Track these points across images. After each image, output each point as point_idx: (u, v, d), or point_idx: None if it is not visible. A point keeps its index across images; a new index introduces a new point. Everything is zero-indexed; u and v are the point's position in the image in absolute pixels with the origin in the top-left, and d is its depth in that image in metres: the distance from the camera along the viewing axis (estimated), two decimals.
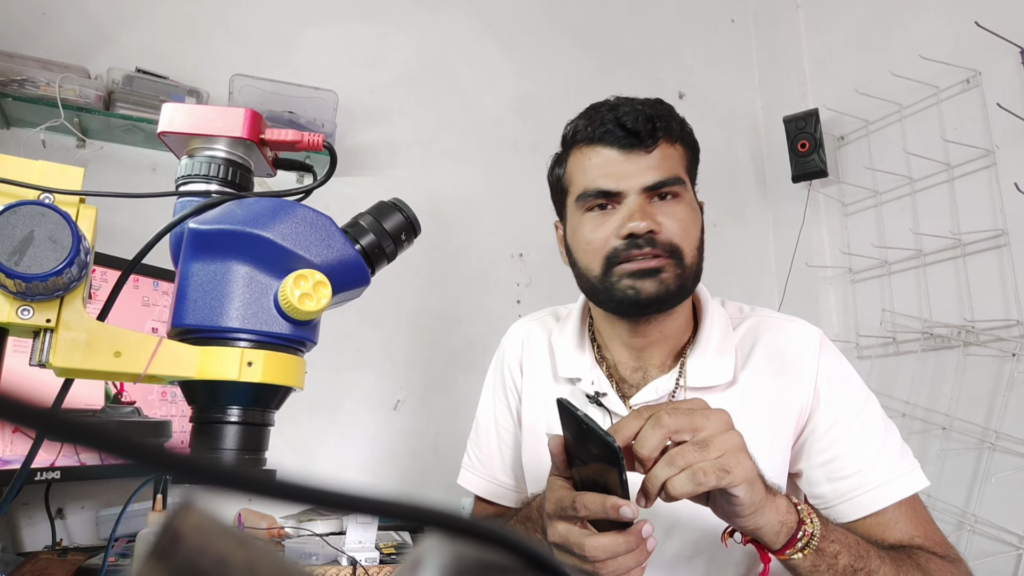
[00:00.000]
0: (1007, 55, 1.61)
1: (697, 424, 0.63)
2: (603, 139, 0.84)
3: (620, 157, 0.83)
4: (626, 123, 0.82)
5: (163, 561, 0.17)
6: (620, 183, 0.83)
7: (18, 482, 0.52)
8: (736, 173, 2.34)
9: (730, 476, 0.60)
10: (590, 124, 0.85)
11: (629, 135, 0.82)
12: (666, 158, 0.84)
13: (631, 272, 0.82)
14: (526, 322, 1.04)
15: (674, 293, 0.83)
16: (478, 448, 1.04)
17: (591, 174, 0.85)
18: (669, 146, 0.85)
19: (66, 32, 1.61)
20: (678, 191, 0.84)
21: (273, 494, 0.18)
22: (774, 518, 0.65)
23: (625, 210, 0.83)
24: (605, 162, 0.84)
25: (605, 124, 0.83)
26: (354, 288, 0.51)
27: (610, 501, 0.61)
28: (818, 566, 0.67)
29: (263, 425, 0.48)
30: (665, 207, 0.84)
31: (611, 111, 0.84)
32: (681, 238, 0.83)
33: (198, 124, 0.50)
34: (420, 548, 0.21)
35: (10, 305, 0.42)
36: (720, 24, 2.43)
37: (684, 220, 0.84)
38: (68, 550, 1.25)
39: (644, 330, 0.88)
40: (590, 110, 0.88)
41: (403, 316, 1.83)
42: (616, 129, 0.83)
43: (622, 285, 0.83)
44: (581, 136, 0.86)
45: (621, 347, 0.91)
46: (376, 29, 1.95)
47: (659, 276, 0.82)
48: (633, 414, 0.65)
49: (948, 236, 1.72)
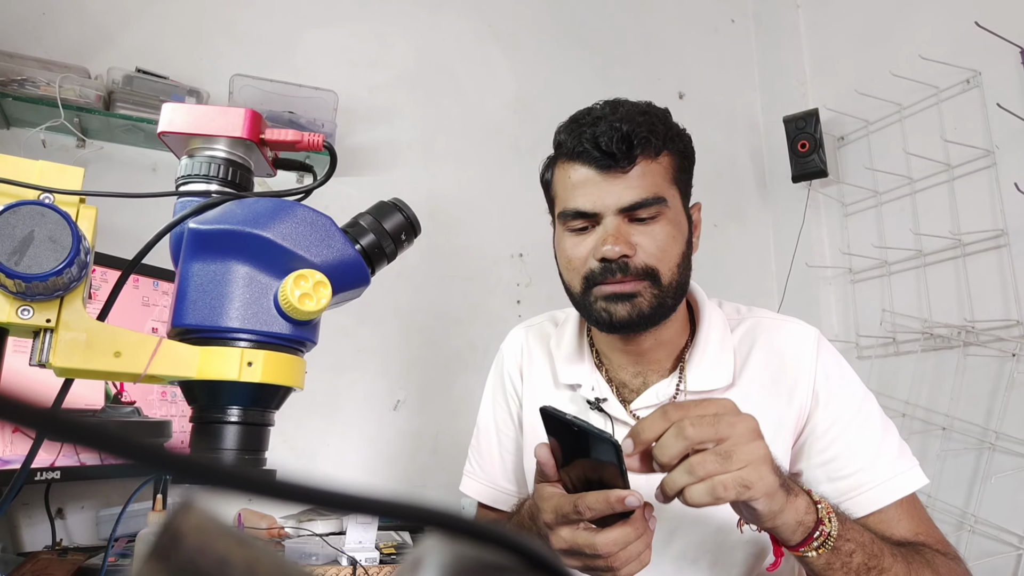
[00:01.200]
0: (1007, 55, 1.61)
1: (722, 433, 0.61)
2: (580, 157, 0.82)
3: (597, 177, 0.82)
4: (601, 144, 0.80)
5: (163, 561, 0.17)
6: (596, 204, 0.82)
7: (18, 482, 0.52)
8: (736, 173, 2.34)
9: (750, 491, 0.60)
10: (571, 138, 0.84)
11: (605, 156, 0.80)
12: (646, 175, 0.82)
13: (606, 295, 0.82)
14: (524, 328, 1.04)
15: (648, 316, 0.82)
16: (479, 455, 1.04)
17: (570, 192, 0.84)
18: (650, 162, 0.82)
19: (66, 32, 1.61)
20: (657, 211, 0.82)
21: (273, 494, 0.18)
22: (792, 519, 0.65)
23: (601, 231, 0.82)
24: (584, 181, 0.83)
25: (583, 143, 0.81)
26: (354, 288, 0.51)
27: (614, 495, 0.61)
28: (832, 564, 0.67)
29: (263, 425, 0.48)
30: (643, 228, 0.82)
31: (591, 127, 0.82)
32: (658, 259, 0.82)
33: (198, 124, 0.50)
34: (420, 548, 0.21)
35: (10, 305, 0.42)
36: (720, 24, 2.43)
37: (662, 241, 0.82)
38: (68, 550, 1.25)
39: (636, 340, 0.88)
40: (572, 122, 0.86)
41: (403, 316, 1.83)
42: (592, 149, 0.81)
43: (598, 307, 0.83)
44: (564, 150, 0.85)
45: (618, 354, 0.91)
46: (376, 29, 1.95)
47: (633, 301, 0.81)
48: (658, 414, 0.64)
49: (948, 236, 1.72)
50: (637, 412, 0.88)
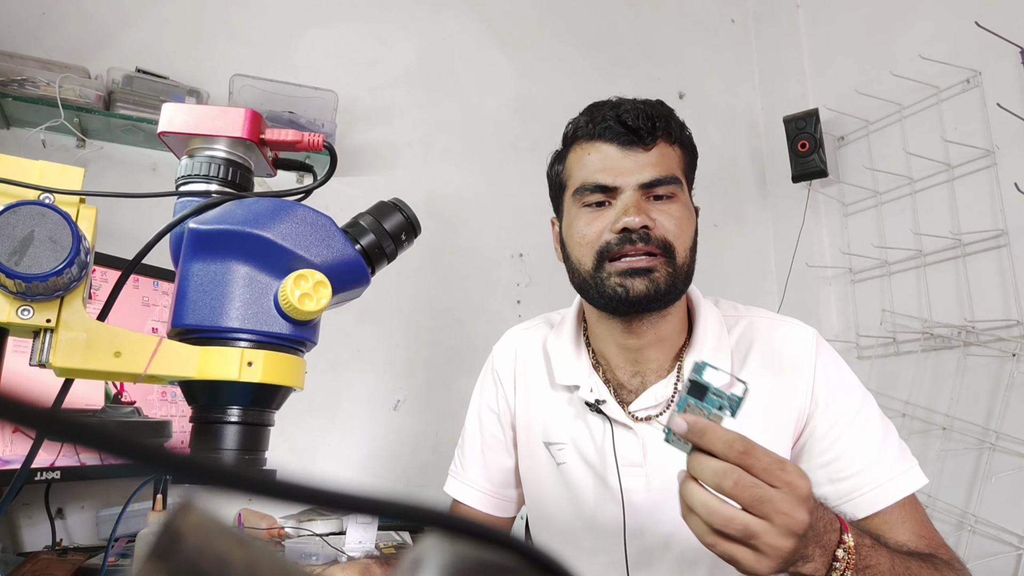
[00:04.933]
0: (1007, 55, 1.61)
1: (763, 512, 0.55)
2: (603, 135, 0.84)
3: (619, 153, 0.84)
4: (626, 120, 0.83)
5: (163, 561, 0.17)
6: (617, 179, 0.83)
7: (18, 482, 0.52)
8: (736, 173, 2.34)
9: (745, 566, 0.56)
10: (591, 121, 0.86)
11: (629, 132, 0.83)
12: (664, 157, 0.84)
13: (622, 270, 0.82)
14: (518, 331, 1.04)
15: (664, 292, 0.82)
16: (463, 453, 1.04)
17: (589, 168, 0.85)
18: (668, 146, 0.85)
19: (66, 32, 1.61)
20: (674, 191, 0.85)
21: (273, 494, 0.18)
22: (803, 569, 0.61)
23: (620, 205, 0.83)
24: (604, 158, 0.85)
25: (606, 120, 0.84)
26: (354, 288, 0.51)
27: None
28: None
29: (263, 425, 0.48)
30: (661, 205, 0.84)
31: (612, 109, 0.85)
32: (675, 236, 0.83)
33: (198, 124, 0.50)
34: (420, 548, 0.21)
35: (10, 305, 0.42)
36: (720, 24, 2.43)
37: (679, 219, 0.84)
38: (68, 550, 1.25)
39: (638, 330, 0.87)
40: (592, 108, 0.88)
41: (403, 316, 1.83)
42: (616, 126, 0.83)
43: (611, 283, 0.83)
44: (582, 132, 0.87)
45: (617, 350, 0.90)
46: (376, 29, 1.95)
47: (650, 275, 0.82)
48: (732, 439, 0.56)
49: (948, 236, 1.72)
50: (636, 414, 0.88)
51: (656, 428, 0.87)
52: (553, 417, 0.94)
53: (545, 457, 0.94)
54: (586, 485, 0.89)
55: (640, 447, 0.86)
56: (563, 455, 0.92)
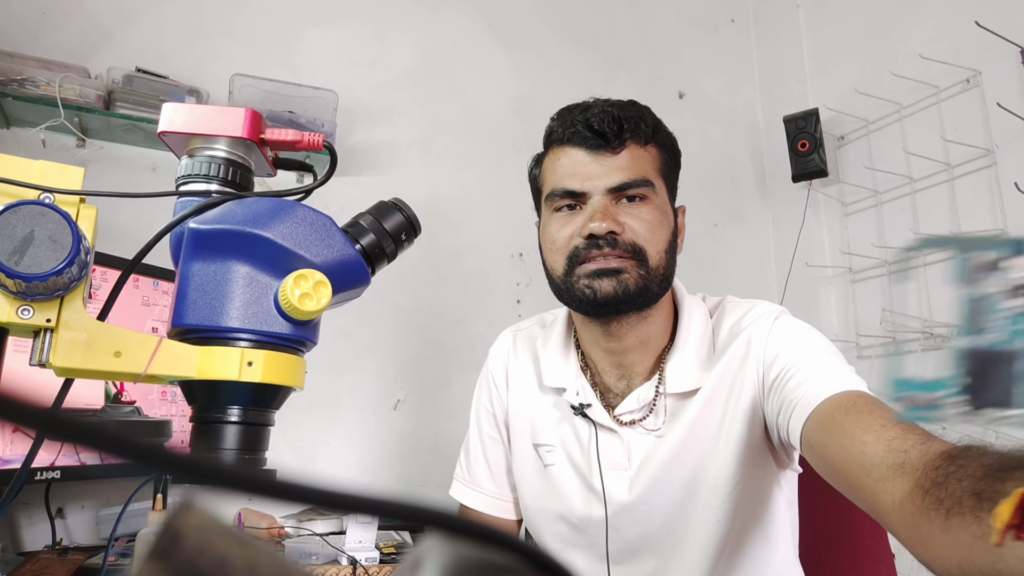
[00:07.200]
0: (1007, 55, 1.61)
1: None
2: (571, 139, 0.84)
3: (587, 158, 0.83)
4: (593, 124, 0.82)
5: (163, 561, 0.17)
6: (585, 183, 0.83)
7: (18, 482, 0.52)
8: (736, 173, 2.34)
9: None
10: (561, 125, 0.86)
11: (596, 136, 0.82)
12: (635, 159, 0.83)
13: (590, 272, 0.82)
14: (512, 331, 1.04)
15: (634, 294, 0.81)
16: (467, 457, 1.03)
17: (559, 174, 0.85)
18: (639, 147, 0.84)
19: (66, 32, 1.61)
20: (645, 193, 0.83)
21: (273, 494, 0.18)
22: None
23: (589, 210, 0.83)
24: (573, 163, 0.84)
25: (575, 125, 0.84)
26: (354, 288, 0.51)
27: None
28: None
29: (263, 425, 0.48)
30: (631, 208, 0.83)
31: (582, 112, 0.84)
32: (646, 240, 0.82)
33: (198, 124, 0.50)
34: (420, 548, 0.21)
35: (10, 305, 0.42)
36: (720, 24, 2.43)
37: (650, 222, 0.82)
38: (68, 550, 1.25)
39: (618, 333, 0.86)
40: (564, 111, 0.88)
41: (403, 316, 1.83)
42: (584, 130, 0.83)
43: (580, 285, 0.82)
44: (554, 137, 0.87)
45: (602, 353, 0.90)
46: (376, 29, 1.95)
47: (619, 276, 0.81)
48: None
49: (948, 236, 1.72)
50: (621, 417, 0.87)
51: (640, 432, 0.86)
52: (541, 418, 0.94)
53: (533, 458, 0.94)
54: (572, 487, 0.89)
55: (624, 450, 0.86)
56: (551, 457, 0.92)
